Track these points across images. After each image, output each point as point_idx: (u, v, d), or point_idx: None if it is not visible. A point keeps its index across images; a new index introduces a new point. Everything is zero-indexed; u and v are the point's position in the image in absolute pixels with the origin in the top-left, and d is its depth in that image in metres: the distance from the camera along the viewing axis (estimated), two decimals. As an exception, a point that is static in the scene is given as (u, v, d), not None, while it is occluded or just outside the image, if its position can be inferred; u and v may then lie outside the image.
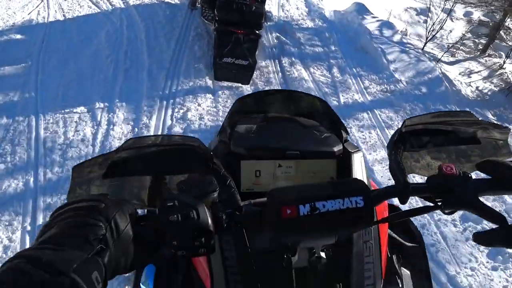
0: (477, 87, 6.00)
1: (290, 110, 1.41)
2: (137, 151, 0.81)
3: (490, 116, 5.19)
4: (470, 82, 6.12)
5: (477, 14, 8.76)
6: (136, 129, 3.78)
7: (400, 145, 0.90)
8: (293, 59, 5.26)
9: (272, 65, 5.11)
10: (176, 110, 4.08)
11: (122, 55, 4.82)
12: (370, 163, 3.78)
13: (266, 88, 4.49)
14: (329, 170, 1.14)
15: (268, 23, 5.90)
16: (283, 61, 5.16)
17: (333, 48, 5.74)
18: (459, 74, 6.30)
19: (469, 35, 7.56)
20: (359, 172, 1.12)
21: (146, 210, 0.70)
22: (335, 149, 1.14)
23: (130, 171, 0.83)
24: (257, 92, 1.41)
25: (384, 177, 3.60)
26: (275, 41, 5.63)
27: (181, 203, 0.66)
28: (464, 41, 7.24)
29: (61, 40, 5.10)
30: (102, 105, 4.05)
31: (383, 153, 3.93)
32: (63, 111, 3.98)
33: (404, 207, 0.91)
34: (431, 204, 0.81)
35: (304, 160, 1.13)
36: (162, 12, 5.84)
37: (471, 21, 8.39)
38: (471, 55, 7.13)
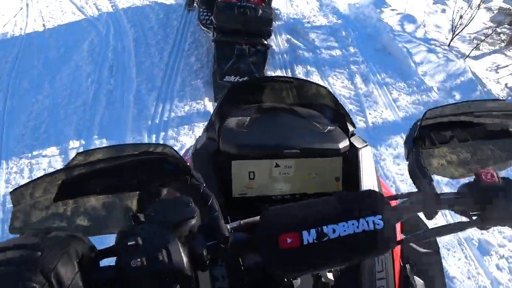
0: (506, 84, 4.93)
1: (288, 100, 1.22)
2: (93, 166, 0.61)
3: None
4: (498, 79, 5.06)
5: (497, 1, 7.51)
6: (117, 178, 2.71)
7: (420, 143, 0.74)
8: (308, 67, 4.12)
9: (283, 76, 3.96)
10: (168, 147, 2.99)
11: (106, 72, 3.70)
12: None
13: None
14: (334, 170, 0.99)
15: (277, 23, 4.73)
16: (297, 71, 4.03)
17: (352, 50, 4.56)
18: (486, 69, 5.21)
19: (490, 24, 6.38)
20: (368, 171, 0.97)
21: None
22: (341, 145, 0.98)
23: (86, 191, 0.63)
24: (250, 80, 0.96)
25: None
26: (286, 44, 4.48)
27: (147, 240, 0.49)
28: (485, 31, 6.06)
29: (38, 56, 3.98)
30: (77, 143, 2.98)
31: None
32: (30, 154, 2.92)
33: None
34: (465, 219, 0.66)
35: (305, 158, 0.96)
36: (155, 15, 4.66)
37: (491, 9, 7.15)
38: (495, 47, 5.97)
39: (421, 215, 0.71)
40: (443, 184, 2.87)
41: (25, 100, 3.42)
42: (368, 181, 0.97)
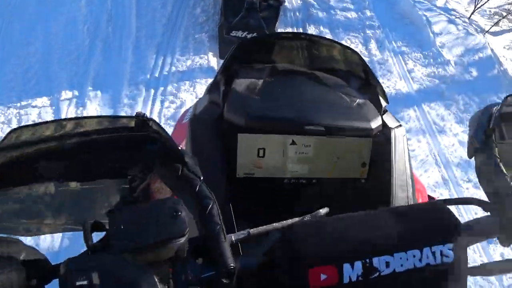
0: (522, 66, 4.66)
1: (308, 62, 1.01)
2: (47, 146, 0.42)
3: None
4: (514, 58, 4.79)
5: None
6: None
7: (494, 137, 0.54)
8: (321, 28, 3.84)
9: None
10: (167, 104, 2.77)
11: (105, 16, 3.40)
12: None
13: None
14: (361, 153, 0.81)
15: (290, -22, 4.37)
16: (309, 31, 3.74)
17: (368, 13, 4.25)
18: (504, 47, 4.91)
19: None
20: (401, 157, 0.82)
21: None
22: (373, 124, 0.81)
23: (38, 177, 0.43)
24: (264, 35, 0.60)
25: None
26: (299, 2, 4.15)
27: (106, 279, 0.31)
28: (507, 7, 5.69)
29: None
30: (70, 94, 2.77)
31: (436, 174, 2.69)
32: (19, 104, 2.70)
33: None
34: None
35: (327, 137, 0.79)
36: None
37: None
38: (516, 24, 5.64)
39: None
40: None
41: (16, 44, 3.15)
42: (400, 171, 0.81)
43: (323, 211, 0.54)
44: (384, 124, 0.85)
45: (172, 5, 3.68)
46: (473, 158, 0.56)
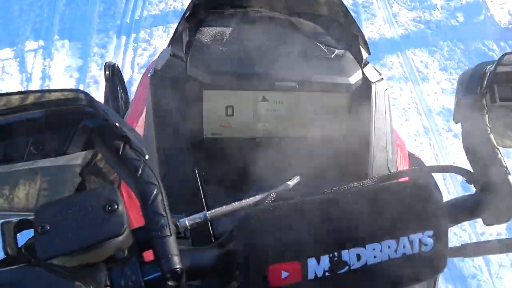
0: (509, 11, 4.57)
1: (283, 7, 0.91)
2: None
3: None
4: (502, 4, 4.67)
5: None
6: (82, 86, 2.39)
7: (486, 100, 0.49)
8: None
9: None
10: (140, 52, 2.62)
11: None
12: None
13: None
14: (338, 109, 0.76)
15: None
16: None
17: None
18: (491, -9, 4.80)
19: None
20: (382, 114, 0.75)
21: None
22: (352, 78, 0.74)
23: None
24: None
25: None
26: None
27: None
28: None
29: None
30: (35, 45, 2.58)
31: (417, 123, 2.67)
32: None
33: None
34: None
35: (302, 92, 0.72)
36: None
37: None
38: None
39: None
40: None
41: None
42: (380, 130, 0.76)
43: (293, 181, 0.49)
44: (364, 78, 0.78)
45: None
46: (459, 124, 0.51)
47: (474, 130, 0.48)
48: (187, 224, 0.38)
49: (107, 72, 1.72)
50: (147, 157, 0.37)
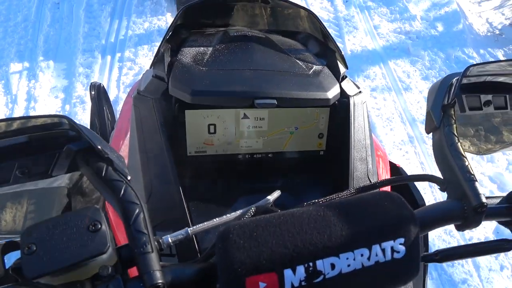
0: (487, 19, 4.71)
1: (263, 25, 0.99)
2: None
3: (500, 56, 3.89)
4: (480, 13, 4.81)
5: None
6: (68, 106, 2.38)
7: (453, 111, 0.52)
8: (284, -16, 3.69)
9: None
10: (125, 70, 2.64)
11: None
12: (387, 149, 2.57)
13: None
14: (318, 123, 0.79)
15: None
16: (272, -11, 3.60)
17: (333, -33, 4.12)
18: (469, 1, 4.93)
19: None
20: (360, 125, 0.78)
21: None
22: (330, 93, 0.75)
23: None
24: None
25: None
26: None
27: None
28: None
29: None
30: (19, 66, 2.59)
31: (402, 132, 2.72)
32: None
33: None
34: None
35: (282, 109, 0.75)
36: None
37: None
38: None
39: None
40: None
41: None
42: (360, 142, 0.77)
43: (273, 196, 0.51)
44: (342, 92, 0.80)
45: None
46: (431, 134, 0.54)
47: (443, 140, 0.50)
48: (170, 241, 0.39)
49: (93, 92, 1.73)
50: (129, 177, 0.39)
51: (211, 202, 0.76)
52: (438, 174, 0.55)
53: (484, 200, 0.44)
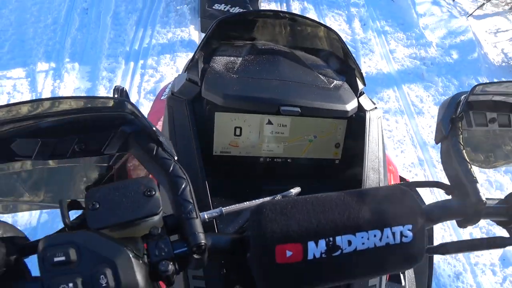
0: (502, 49, 4.77)
1: (288, 41, 1.05)
2: (25, 123, 0.43)
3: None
4: (496, 43, 4.88)
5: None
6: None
7: (461, 125, 0.57)
8: (305, 4, 3.82)
9: (278, 12, 3.64)
10: (147, 77, 2.73)
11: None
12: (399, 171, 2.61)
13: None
14: (336, 134, 0.85)
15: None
16: (293, 7, 3.73)
17: (353, -9, 4.24)
18: (486, 31, 5.00)
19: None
20: (374, 139, 0.84)
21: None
22: (349, 106, 0.82)
23: (16, 154, 0.44)
24: (245, 12, 1.04)
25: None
26: (284, -23, 4.10)
27: (84, 253, 0.33)
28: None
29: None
30: (46, 66, 2.70)
31: (412, 155, 2.76)
32: (-7, 73, 2.63)
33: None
34: (506, 234, 0.54)
35: (304, 118, 0.81)
36: None
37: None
38: (499, 10, 5.71)
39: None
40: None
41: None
42: (373, 154, 0.82)
43: (295, 190, 0.57)
44: (359, 107, 0.86)
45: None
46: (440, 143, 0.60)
47: (450, 148, 0.55)
48: (206, 217, 0.45)
49: (116, 96, 1.81)
50: (176, 157, 0.45)
51: (232, 199, 0.82)
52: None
53: (483, 198, 0.49)
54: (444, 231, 2.27)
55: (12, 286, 0.34)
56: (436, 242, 0.93)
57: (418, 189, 1.03)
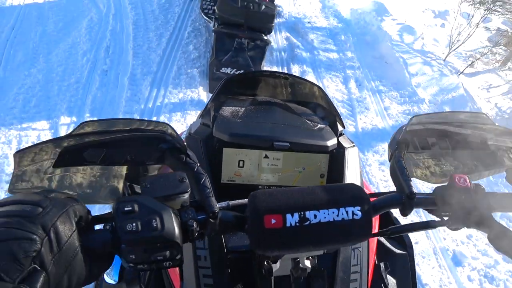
0: (495, 104, 5.07)
1: (283, 95, 1.30)
2: (95, 137, 0.64)
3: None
4: (489, 98, 5.19)
5: (496, 21, 7.62)
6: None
7: (404, 146, 0.78)
8: (305, 67, 4.16)
9: (279, 74, 3.99)
10: (159, 132, 2.99)
11: (102, 53, 3.69)
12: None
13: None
14: (320, 166, 1.04)
15: (278, 20, 4.75)
16: (293, 69, 4.07)
17: (349, 54, 4.62)
18: (478, 88, 5.33)
19: (487, 43, 6.51)
20: (352, 170, 1.02)
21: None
22: (329, 143, 1.02)
23: (87, 160, 0.64)
24: (247, 72, 1.33)
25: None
26: (285, 42, 4.51)
27: (142, 207, 0.52)
28: (482, 50, 6.16)
29: (35, 28, 3.96)
30: (68, 119, 2.98)
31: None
32: (19, 125, 2.90)
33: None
34: (436, 218, 0.71)
35: (293, 152, 1.02)
36: (157, -1, 4.66)
37: (489, 29, 7.26)
38: (490, 67, 6.09)
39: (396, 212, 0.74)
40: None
41: (18, 72, 3.39)
42: (351, 181, 1.01)
43: None
44: (339, 144, 1.05)
45: (166, 43, 4.00)
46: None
47: (395, 164, 0.73)
48: (217, 207, 0.65)
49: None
50: (198, 164, 0.65)
51: None
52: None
53: (413, 190, 0.67)
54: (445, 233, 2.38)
55: (93, 228, 0.53)
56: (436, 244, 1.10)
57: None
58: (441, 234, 2.71)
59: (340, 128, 1.11)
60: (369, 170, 3.12)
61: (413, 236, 2.65)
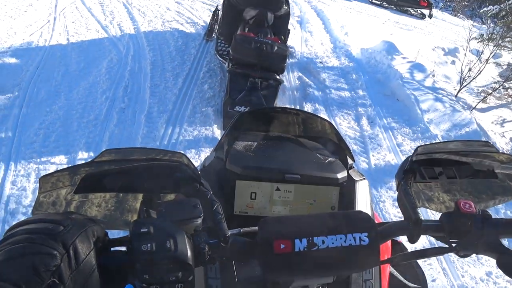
0: (511, 138, 5.02)
1: (294, 130, 1.32)
2: (115, 165, 0.68)
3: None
4: (503, 132, 5.16)
5: (506, 56, 7.72)
6: (121, 193, 2.77)
7: (411, 175, 0.80)
8: (317, 105, 4.25)
9: (292, 112, 4.08)
10: (174, 168, 3.06)
11: (121, 92, 3.85)
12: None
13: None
14: (331, 198, 1.05)
15: (291, 60, 4.91)
16: (306, 108, 4.16)
17: (361, 93, 4.71)
18: (492, 123, 5.32)
19: (498, 78, 6.56)
20: (363, 202, 1.03)
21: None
22: (339, 175, 1.04)
23: (106, 187, 0.69)
24: (260, 108, 1.43)
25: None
26: (297, 82, 4.63)
27: (157, 229, 0.55)
28: (493, 85, 6.21)
29: (58, 68, 4.16)
30: (85, 155, 3.08)
31: (425, 245, 2.89)
32: (38, 160, 3.01)
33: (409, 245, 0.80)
34: (444, 245, 0.70)
35: (304, 185, 1.03)
36: (174, 41, 4.88)
37: (500, 64, 7.34)
38: (503, 102, 6.11)
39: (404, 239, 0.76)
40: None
41: (40, 108, 3.55)
42: None
43: None
44: (349, 177, 1.06)
45: (182, 82, 4.16)
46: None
47: (402, 193, 0.75)
48: (229, 233, 0.66)
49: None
50: (211, 192, 0.69)
51: None
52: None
53: (420, 216, 0.68)
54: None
55: (110, 249, 0.57)
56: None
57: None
58: (459, 271, 2.66)
59: (350, 161, 1.14)
60: (382, 207, 3.12)
61: (430, 273, 2.61)
